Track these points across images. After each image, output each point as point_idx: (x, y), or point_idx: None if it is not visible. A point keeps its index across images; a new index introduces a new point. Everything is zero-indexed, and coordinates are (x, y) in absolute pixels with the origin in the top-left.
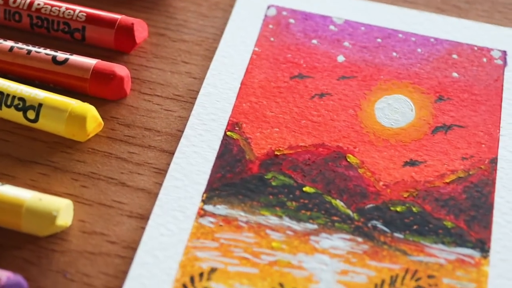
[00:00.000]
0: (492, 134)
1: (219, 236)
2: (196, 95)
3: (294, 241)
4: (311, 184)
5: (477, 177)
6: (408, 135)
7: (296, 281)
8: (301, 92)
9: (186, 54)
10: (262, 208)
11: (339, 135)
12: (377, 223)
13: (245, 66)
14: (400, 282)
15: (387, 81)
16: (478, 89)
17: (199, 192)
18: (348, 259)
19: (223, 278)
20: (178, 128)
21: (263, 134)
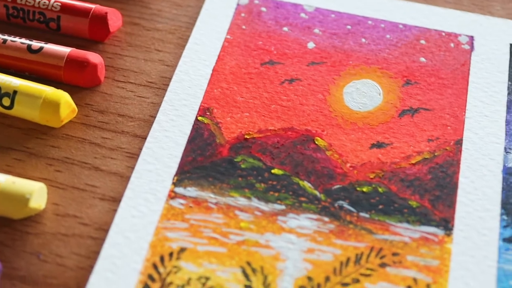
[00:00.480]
0: (458, 117)
1: (189, 217)
2: (168, 82)
3: (262, 221)
4: (279, 166)
5: (442, 158)
6: (375, 118)
7: (264, 260)
8: (271, 78)
9: (159, 42)
10: (231, 190)
11: (307, 119)
12: (344, 203)
13: (217, 54)
14: (365, 260)
15: (355, 66)
16: (445, 73)
17: (170, 175)
18: (314, 238)
19: (192, 258)
20: (150, 114)
21: (234, 119)
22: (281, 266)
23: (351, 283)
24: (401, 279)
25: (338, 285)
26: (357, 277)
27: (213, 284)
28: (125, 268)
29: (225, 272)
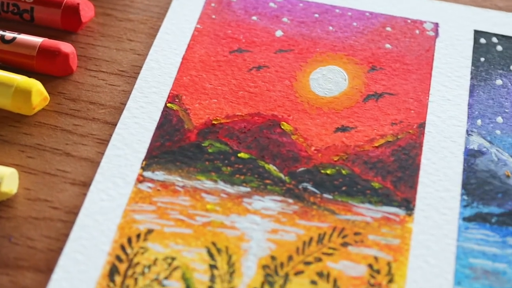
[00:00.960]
0: (422, 101)
1: (156, 200)
2: (139, 70)
3: (228, 203)
4: (246, 150)
5: (405, 141)
6: (340, 103)
7: (228, 240)
8: (240, 65)
9: (131, 32)
10: (198, 174)
11: (274, 105)
12: (308, 185)
13: (187, 42)
14: (327, 239)
15: (322, 54)
16: (409, 59)
17: (139, 159)
18: (278, 219)
19: (159, 239)
20: (121, 101)
21: (202, 105)
22: (246, 246)
23: (314, 262)
24: (362, 258)
25: (300, 264)
26: (320, 256)
27: (178, 264)
28: (93, 249)
29: (191, 252)
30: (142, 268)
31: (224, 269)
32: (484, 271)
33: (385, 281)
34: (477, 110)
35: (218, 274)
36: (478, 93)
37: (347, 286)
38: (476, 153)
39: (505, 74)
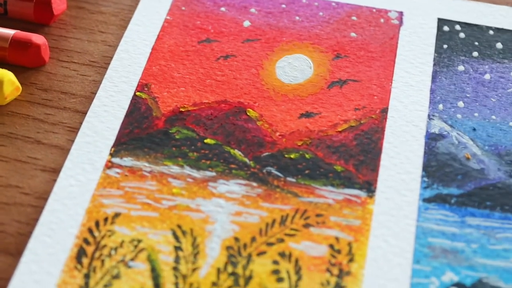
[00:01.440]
0: (385, 87)
1: (124, 184)
2: (110, 61)
3: (194, 187)
4: (212, 136)
5: (367, 126)
6: (305, 90)
7: (193, 223)
8: (208, 54)
9: (103, 24)
10: (165, 159)
11: (240, 92)
12: (272, 169)
13: (157, 33)
14: (290, 221)
15: (288, 43)
16: (374, 47)
17: (108, 146)
18: (242, 202)
19: (125, 222)
20: (92, 91)
21: (170, 93)
22: (210, 228)
23: (276, 242)
24: (324, 238)
25: (263, 245)
26: (282, 237)
27: (144, 246)
28: (61, 232)
29: (157, 234)
30: (109, 250)
31: (189, 251)
32: (442, 250)
33: (346, 260)
34: (439, 95)
35: (183, 256)
36: (440, 79)
37: (308, 266)
38: (437, 137)
39: (467, 60)
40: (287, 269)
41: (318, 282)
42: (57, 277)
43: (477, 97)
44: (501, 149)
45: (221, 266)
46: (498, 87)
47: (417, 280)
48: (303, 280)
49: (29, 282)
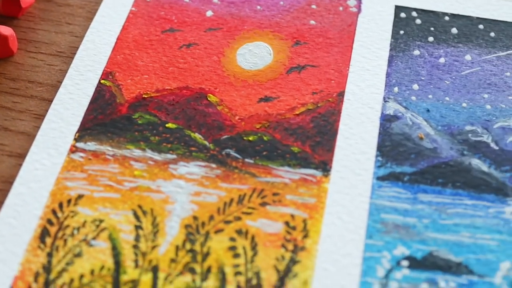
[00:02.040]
0: (342, 72)
1: (87, 168)
2: (76, 51)
3: (155, 169)
4: (173, 121)
5: (324, 108)
6: (264, 76)
7: (154, 203)
8: (171, 43)
9: (70, 16)
10: (128, 143)
11: (202, 79)
12: (231, 151)
13: (122, 24)
14: (247, 200)
15: (249, 31)
16: (332, 33)
17: (72, 132)
18: (201, 182)
19: (88, 203)
20: (58, 80)
21: (134, 81)
22: (170, 208)
23: (233, 220)
24: (280, 216)
25: (221, 223)
26: (239, 215)
27: (106, 225)
28: (26, 214)
29: (118, 215)
30: (71, 230)
31: (149, 229)
32: (395, 225)
33: (300, 236)
34: (395, 78)
35: (143, 234)
36: (396, 63)
37: (264, 242)
38: (392, 118)
39: (422, 45)
40: (244, 246)
41: (273, 257)
42: (21, 256)
43: (432, 80)
44: (454, 129)
45: (179, 244)
46: (453, 70)
47: (370, 254)
48: (259, 255)
49: None
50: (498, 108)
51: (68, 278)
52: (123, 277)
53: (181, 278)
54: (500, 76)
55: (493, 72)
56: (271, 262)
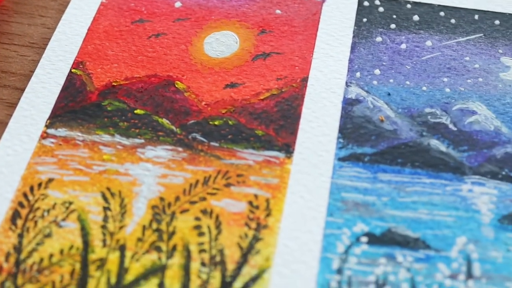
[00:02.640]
0: (306, 58)
1: (58, 153)
2: (48, 42)
3: (123, 153)
4: (142, 107)
5: (288, 93)
6: (231, 63)
7: (122, 185)
8: (140, 33)
9: (42, 9)
10: (97, 129)
11: (170, 67)
12: (197, 135)
13: (93, 16)
14: (212, 181)
15: (217, 21)
16: (297, 22)
17: (44, 119)
18: (168, 165)
19: (58, 186)
20: (30, 70)
21: (104, 70)
22: (137, 190)
23: (198, 201)
24: (243, 196)
25: (186, 203)
26: (204, 195)
27: (75, 207)
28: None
29: (87, 197)
30: (41, 212)
31: (117, 210)
32: (355, 203)
33: (263, 215)
34: (357, 64)
35: (111, 215)
36: (358, 50)
37: (228, 221)
38: (354, 102)
39: (385, 32)
40: (208, 225)
41: (236, 235)
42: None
43: (393, 65)
44: (414, 111)
45: (146, 224)
46: (413, 55)
47: (330, 231)
48: (223, 234)
49: None
50: (457, 91)
51: (38, 257)
52: (91, 256)
53: (148, 256)
54: (459, 61)
55: (452, 57)
56: (235, 239)
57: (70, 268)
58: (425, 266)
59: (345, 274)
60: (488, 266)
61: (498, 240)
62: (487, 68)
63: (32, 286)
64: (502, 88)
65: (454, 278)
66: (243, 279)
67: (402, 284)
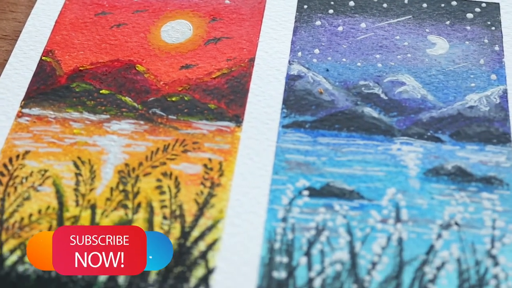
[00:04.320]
0: (253, 41)
1: (33, 129)
2: (20, 34)
3: (91, 127)
4: (106, 88)
5: (237, 72)
6: (185, 48)
7: (91, 155)
8: (103, 24)
9: (13, 5)
10: (67, 108)
11: (131, 52)
12: (156, 110)
13: (59, 10)
14: (171, 148)
15: (172, 11)
16: (244, 10)
17: (18, 100)
18: (132, 136)
19: (34, 157)
20: (5, 59)
21: (71, 57)
22: (105, 158)
23: (159, 165)
24: (199, 160)
25: (149, 167)
26: (164, 161)
27: (50, 174)
28: None
29: (60, 165)
30: (20, 179)
31: (87, 175)
32: (297, 163)
33: (217, 175)
34: (299, 45)
35: (82, 180)
36: (300, 32)
37: (185, 181)
38: (296, 77)
39: (323, 16)
40: (168, 185)
41: (193, 193)
42: None
43: (331, 45)
44: (349, 84)
45: (114, 186)
46: (349, 36)
47: (276, 186)
48: (181, 192)
49: None
50: (388, 66)
51: (19, 217)
52: (66, 214)
53: (116, 213)
54: (390, 40)
55: (384, 37)
56: (192, 196)
57: (48, 225)
58: (359, 213)
59: (289, 222)
60: (414, 212)
61: (423, 190)
62: (415, 45)
63: (14, 241)
64: (428, 62)
65: (385, 222)
66: (200, 229)
67: (339, 228)
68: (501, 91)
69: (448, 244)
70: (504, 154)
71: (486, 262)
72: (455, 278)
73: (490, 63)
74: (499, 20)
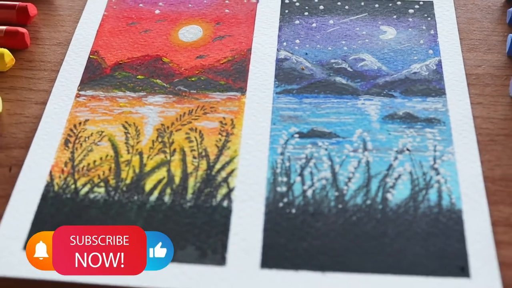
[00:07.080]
0: (249, 37)
1: (89, 105)
2: (70, 41)
3: (133, 101)
4: (141, 74)
5: (239, 58)
6: (198, 44)
7: (135, 120)
8: (134, 31)
9: (62, 21)
10: (113, 89)
11: (157, 49)
12: (181, 87)
13: (99, 22)
14: (194, 112)
15: (186, 19)
16: (241, 16)
17: (76, 85)
18: (164, 105)
19: (92, 123)
20: (61, 59)
21: (112, 54)
22: (145, 121)
23: (187, 123)
24: (216, 118)
25: (179, 125)
26: (190, 120)
27: (106, 134)
28: (53, 133)
29: (113, 127)
30: (84, 138)
31: (133, 133)
32: (289, 116)
33: (230, 128)
34: (283, 38)
35: (130, 136)
36: (284, 29)
37: (207, 133)
38: (283, 60)
39: (301, 17)
40: (195, 136)
41: (214, 140)
42: (54, 155)
43: (308, 36)
44: (324, 62)
45: (154, 138)
46: (321, 30)
47: (274, 133)
48: (205, 140)
49: (34, 164)
50: (351, 48)
51: (86, 163)
52: (120, 159)
53: (158, 156)
54: (352, 31)
55: (348, 29)
56: (213, 142)
57: (108, 167)
58: (337, 147)
59: (286, 155)
60: (377, 143)
61: (382, 129)
62: (371, 33)
63: (85, 178)
64: (381, 45)
65: (356, 152)
66: (221, 163)
67: (322, 157)
68: (437, 61)
69: (403, 163)
70: (441, 102)
71: (430, 173)
72: (409, 184)
73: (428, 43)
74: (433, 13)
